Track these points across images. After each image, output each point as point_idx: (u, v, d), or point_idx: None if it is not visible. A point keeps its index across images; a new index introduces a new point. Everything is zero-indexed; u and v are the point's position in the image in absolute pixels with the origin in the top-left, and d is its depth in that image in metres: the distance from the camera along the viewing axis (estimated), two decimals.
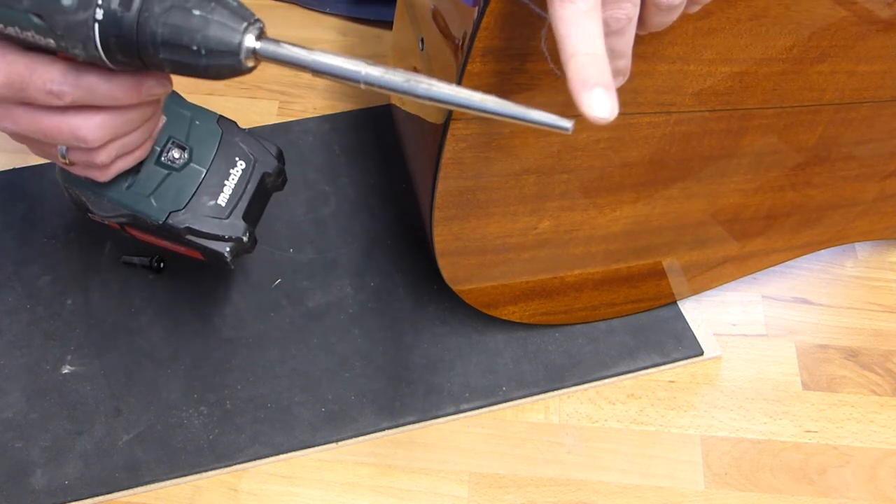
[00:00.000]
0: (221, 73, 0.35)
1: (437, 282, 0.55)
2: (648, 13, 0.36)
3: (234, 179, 0.48)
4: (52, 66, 0.36)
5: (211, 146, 0.47)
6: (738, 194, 0.54)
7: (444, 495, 0.54)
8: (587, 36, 0.33)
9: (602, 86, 0.33)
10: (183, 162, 0.46)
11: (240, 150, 0.48)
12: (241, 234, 0.48)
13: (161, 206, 0.46)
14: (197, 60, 0.34)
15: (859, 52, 0.46)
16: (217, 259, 0.48)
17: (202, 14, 0.34)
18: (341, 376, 0.58)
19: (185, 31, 0.33)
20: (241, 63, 0.34)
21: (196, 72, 0.35)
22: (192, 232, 0.47)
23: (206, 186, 0.47)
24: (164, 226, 0.46)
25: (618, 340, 0.60)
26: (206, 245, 0.47)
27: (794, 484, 0.55)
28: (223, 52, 0.34)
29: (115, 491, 0.53)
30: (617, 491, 0.55)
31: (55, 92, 0.36)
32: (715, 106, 0.47)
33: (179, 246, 0.49)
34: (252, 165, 0.48)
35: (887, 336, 0.62)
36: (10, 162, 0.68)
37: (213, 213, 0.47)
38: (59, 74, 0.36)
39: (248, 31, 0.34)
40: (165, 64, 0.35)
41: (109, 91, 0.37)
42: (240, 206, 0.48)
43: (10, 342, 0.58)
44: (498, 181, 0.47)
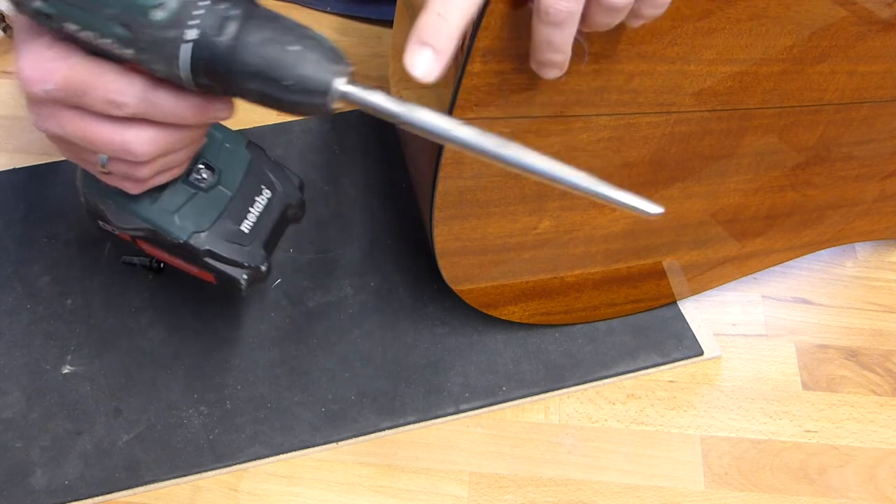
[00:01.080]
0: (305, 111, 0.34)
1: (437, 282, 0.55)
2: (591, 11, 0.36)
3: (259, 208, 0.47)
4: (120, 75, 0.35)
5: (239, 171, 0.47)
6: (738, 194, 0.54)
7: (444, 495, 0.54)
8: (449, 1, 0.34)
9: (434, 49, 0.34)
10: (211, 183, 0.45)
11: (266, 178, 0.48)
12: (260, 264, 0.47)
13: (184, 224, 0.45)
14: (286, 96, 0.34)
15: (859, 53, 0.46)
16: (231, 285, 0.47)
17: (298, 51, 0.33)
18: (341, 376, 0.58)
19: (280, 66, 0.33)
20: (328, 104, 0.34)
21: (280, 106, 0.34)
22: (211, 255, 0.46)
23: (231, 211, 0.46)
24: (185, 245, 0.45)
25: (618, 340, 0.60)
26: (223, 270, 0.46)
27: (794, 484, 0.55)
28: (313, 92, 0.33)
29: (115, 491, 0.53)
30: (617, 491, 0.55)
31: (118, 102, 0.35)
32: (715, 106, 0.47)
33: (193, 266, 0.48)
34: (277, 195, 0.48)
35: (887, 336, 0.62)
36: (10, 162, 0.68)
37: (236, 238, 0.46)
38: (125, 85, 0.35)
39: (340, 74, 0.33)
40: (249, 94, 0.34)
41: (175, 109, 0.36)
42: (261, 234, 0.47)
43: (10, 342, 0.58)
44: (498, 181, 0.47)
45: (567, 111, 0.44)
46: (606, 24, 0.37)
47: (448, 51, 0.34)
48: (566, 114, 0.44)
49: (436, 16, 0.34)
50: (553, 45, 0.36)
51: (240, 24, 0.33)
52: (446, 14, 0.34)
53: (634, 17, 0.38)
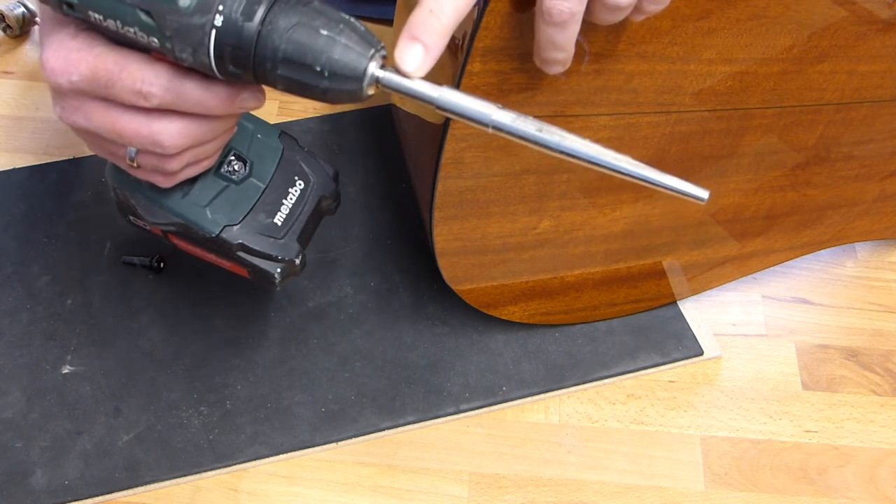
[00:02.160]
0: (339, 98, 0.33)
1: (437, 282, 0.55)
2: (595, 9, 0.36)
3: (293, 199, 0.46)
4: (146, 65, 0.35)
5: (271, 162, 0.46)
6: (738, 194, 0.54)
7: (444, 495, 0.54)
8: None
9: (424, 45, 0.33)
10: (242, 175, 0.45)
11: (300, 169, 0.47)
12: (294, 257, 0.46)
13: (216, 218, 0.44)
14: (318, 82, 0.33)
15: (859, 52, 0.46)
16: (265, 279, 0.46)
17: (330, 34, 0.32)
18: (341, 376, 0.58)
19: (310, 51, 0.32)
20: (363, 90, 0.33)
21: (312, 93, 0.33)
22: (244, 249, 0.45)
23: (264, 203, 0.45)
24: (217, 239, 0.44)
25: (618, 340, 0.60)
26: (257, 264, 0.45)
27: (794, 484, 0.55)
28: (347, 77, 0.32)
29: (115, 491, 0.53)
30: (617, 491, 0.55)
31: (145, 93, 0.35)
32: (715, 106, 0.47)
33: (226, 261, 0.47)
34: (311, 186, 0.47)
35: (887, 336, 0.62)
36: (10, 162, 0.68)
37: (269, 231, 0.45)
38: (152, 75, 0.34)
39: (374, 58, 0.33)
40: (280, 81, 0.33)
41: (203, 99, 0.35)
42: (295, 227, 0.46)
43: (10, 342, 0.58)
44: (498, 181, 0.47)
45: (567, 111, 0.44)
46: (609, 21, 0.37)
47: (438, 47, 0.34)
48: (566, 113, 0.44)
49: (428, 12, 0.34)
50: (556, 45, 0.36)
51: (267, 9, 0.32)
52: (438, 11, 0.34)
53: (637, 13, 0.38)
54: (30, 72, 0.73)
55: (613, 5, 0.36)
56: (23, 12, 0.74)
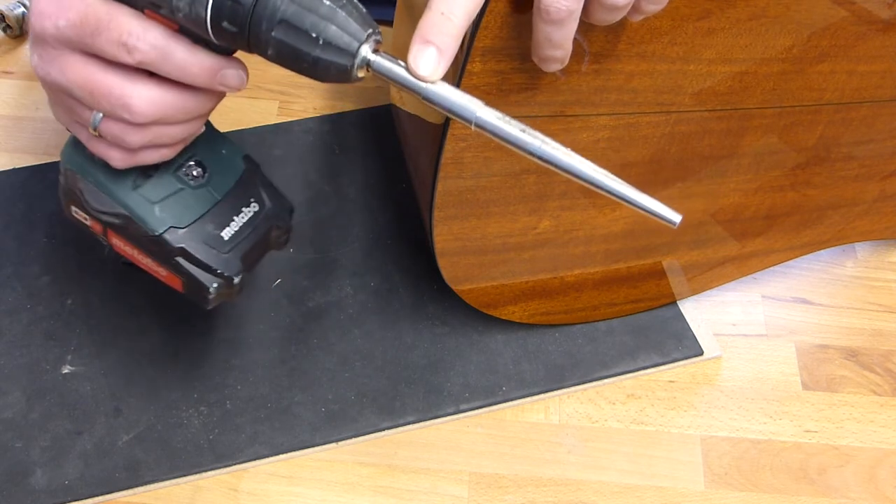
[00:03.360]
0: (328, 72, 0.33)
1: (437, 282, 0.55)
2: (592, 9, 0.36)
3: (244, 218, 0.45)
4: (136, 19, 0.34)
5: (230, 178, 0.45)
6: (737, 194, 0.54)
7: (444, 495, 0.54)
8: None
9: (437, 48, 0.33)
10: (199, 183, 0.44)
11: (257, 192, 0.46)
12: (234, 275, 0.44)
13: (163, 217, 0.43)
14: (310, 49, 0.32)
15: (859, 52, 0.46)
16: (199, 292, 0.44)
17: (332, 5, 0.32)
18: (341, 376, 0.58)
19: (310, 16, 0.32)
20: (353, 68, 0.33)
21: (302, 61, 0.33)
22: (184, 254, 0.43)
23: (214, 215, 0.44)
24: (158, 239, 0.43)
25: (618, 340, 0.60)
26: (194, 273, 0.44)
27: (794, 484, 0.55)
28: (340, 51, 0.32)
29: (115, 491, 0.53)
30: (617, 491, 0.55)
31: (130, 46, 0.34)
32: (715, 106, 0.47)
33: (162, 268, 0.45)
34: (265, 211, 0.46)
35: (887, 336, 0.62)
36: (10, 162, 0.68)
37: (214, 242, 0.44)
38: (140, 29, 0.34)
39: (369, 41, 0.33)
40: (273, 44, 0.33)
41: (186, 63, 0.35)
42: (241, 246, 0.45)
43: (10, 342, 0.58)
44: (498, 181, 0.47)
45: (567, 111, 0.44)
46: (607, 21, 0.37)
47: (452, 50, 0.34)
48: (566, 113, 0.44)
49: (439, 15, 0.34)
50: (553, 43, 0.36)
51: None
52: (450, 13, 0.34)
53: (635, 13, 0.38)
54: (30, 72, 0.73)
55: (611, 5, 0.36)
56: (23, 12, 0.74)
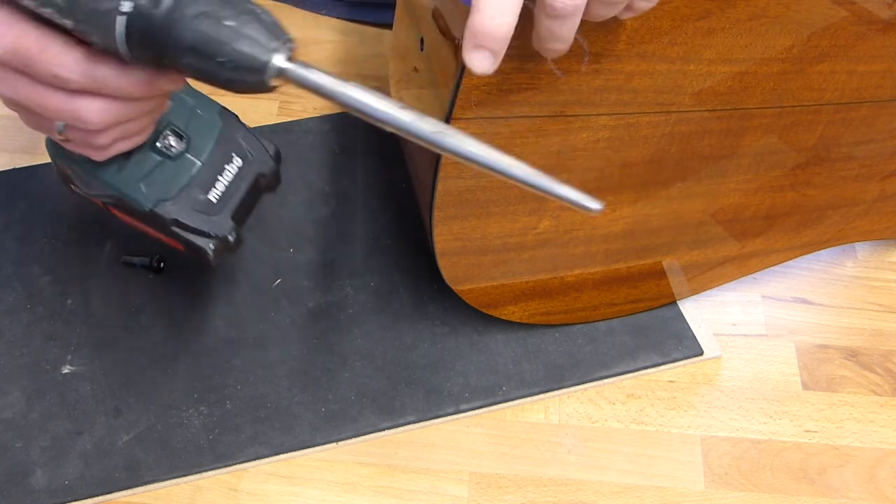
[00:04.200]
0: (243, 89, 0.33)
1: (437, 282, 0.55)
2: (591, 5, 0.36)
3: (229, 176, 0.46)
4: (65, 48, 0.34)
5: (209, 138, 0.46)
6: (737, 194, 0.54)
7: (444, 495, 0.54)
8: None
9: (492, 51, 0.35)
10: (178, 151, 0.45)
11: (238, 146, 0.47)
12: (228, 234, 0.46)
13: (150, 193, 0.44)
14: (220, 72, 0.33)
15: (859, 52, 0.46)
16: (199, 254, 0.46)
17: (234, 26, 0.32)
18: (341, 376, 0.58)
19: (214, 41, 0.32)
20: (266, 82, 0.33)
21: (217, 83, 0.33)
22: (178, 224, 0.45)
23: (199, 180, 0.45)
24: (150, 214, 0.44)
25: (618, 340, 0.60)
26: (190, 239, 0.46)
27: (794, 484, 0.55)
28: (249, 69, 0.32)
29: (115, 491, 0.53)
30: (617, 491, 0.55)
31: (62, 78, 0.35)
32: (715, 106, 0.47)
33: (162, 234, 0.47)
34: (248, 164, 0.47)
35: (887, 336, 0.62)
36: (10, 162, 0.68)
37: (203, 208, 0.45)
38: (70, 60, 0.34)
39: (279, 51, 0.33)
40: (186, 69, 0.33)
41: (120, 84, 0.35)
42: (230, 204, 0.46)
43: (10, 342, 0.58)
44: (498, 181, 0.47)
45: (567, 111, 0.44)
46: (604, 16, 0.37)
47: (504, 49, 0.35)
48: (566, 113, 0.44)
49: (490, 19, 0.34)
50: (556, 36, 0.37)
51: None
52: (500, 17, 0.34)
53: (627, 10, 0.38)
54: None
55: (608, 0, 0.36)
56: None
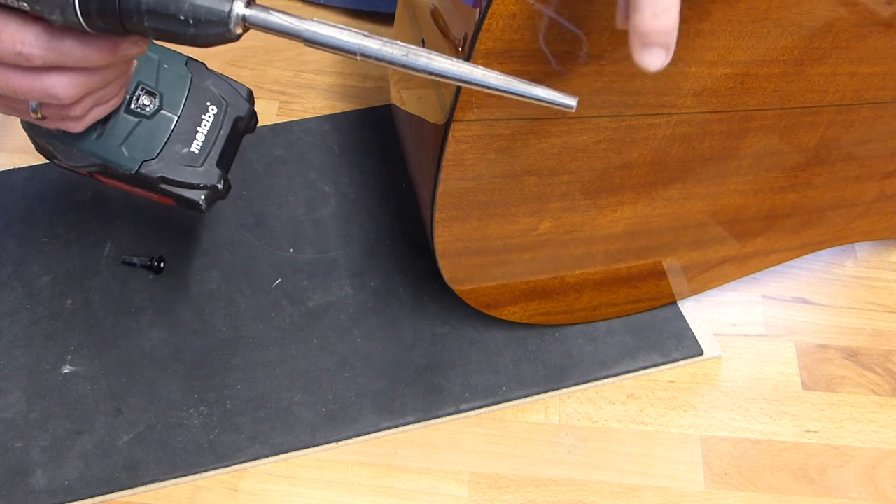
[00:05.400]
0: (209, 42, 0.33)
1: (437, 282, 0.55)
2: None
3: (207, 125, 0.46)
4: (25, 26, 0.34)
5: (181, 91, 0.46)
6: (738, 195, 0.54)
7: (444, 495, 0.54)
8: None
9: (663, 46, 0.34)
10: (153, 109, 0.45)
11: (211, 93, 0.47)
12: (216, 182, 0.47)
13: (133, 155, 0.45)
14: (184, 30, 0.33)
15: (860, 54, 0.46)
16: (191, 206, 0.47)
17: None
18: (341, 376, 0.58)
19: (172, 1, 0.32)
20: (230, 31, 0.33)
21: (182, 40, 0.34)
22: (165, 181, 0.45)
23: (179, 133, 0.46)
24: (137, 175, 0.45)
25: (618, 340, 0.60)
26: (181, 193, 0.46)
27: (794, 484, 0.56)
28: (212, 22, 0.32)
29: (115, 491, 0.53)
30: (617, 491, 0.55)
31: (25, 54, 0.34)
32: (716, 107, 0.47)
33: (151, 193, 0.47)
34: (224, 110, 0.47)
35: (887, 336, 0.62)
36: (10, 162, 0.67)
37: (187, 161, 0.46)
38: (31, 36, 0.34)
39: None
40: (149, 31, 0.33)
41: (84, 55, 0.35)
42: (213, 152, 0.47)
43: (10, 342, 0.58)
44: (498, 182, 0.47)
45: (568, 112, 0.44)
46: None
47: (674, 44, 0.34)
48: (567, 115, 0.44)
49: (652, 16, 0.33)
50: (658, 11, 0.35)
51: None
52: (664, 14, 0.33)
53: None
54: None
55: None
56: None
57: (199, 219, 0.64)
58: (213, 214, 0.61)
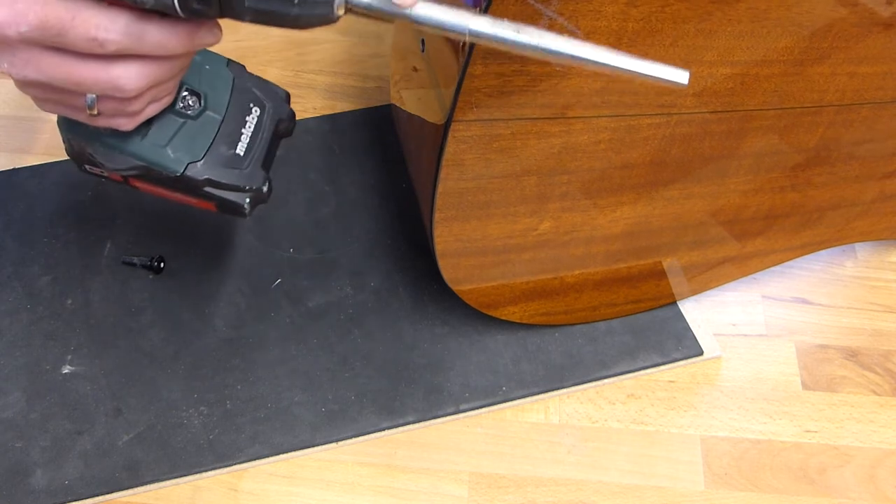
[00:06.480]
0: (309, 23, 0.33)
1: (437, 282, 0.55)
2: None
3: (251, 127, 0.46)
4: (100, 10, 0.33)
5: (224, 92, 0.45)
6: (738, 195, 0.54)
7: (444, 495, 0.54)
8: None
9: None
10: (198, 110, 0.44)
11: (253, 95, 0.46)
12: (262, 184, 0.46)
13: (178, 156, 0.43)
14: (289, 9, 0.32)
15: (860, 54, 0.46)
16: (234, 210, 0.46)
17: None
18: (341, 376, 0.58)
19: None
20: (333, 12, 0.32)
21: (284, 21, 0.33)
22: (211, 184, 0.44)
23: (223, 135, 0.45)
24: (182, 178, 0.44)
25: (618, 340, 0.60)
26: (225, 196, 0.45)
27: (794, 484, 0.56)
28: (317, 2, 0.32)
29: (115, 491, 0.53)
30: (617, 491, 0.55)
31: (101, 40, 0.33)
32: (716, 107, 0.47)
33: (192, 198, 0.46)
34: (266, 112, 0.47)
35: (887, 336, 0.62)
36: (10, 162, 0.67)
37: (233, 163, 0.45)
38: (106, 20, 0.33)
39: None
40: (248, 12, 0.33)
41: (161, 40, 0.34)
42: (258, 154, 0.46)
43: (10, 342, 0.58)
44: (498, 182, 0.47)
45: (568, 112, 0.44)
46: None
47: None
48: (567, 115, 0.44)
49: None
50: None
51: None
52: None
53: None
54: None
55: None
56: None
57: (200, 219, 0.64)
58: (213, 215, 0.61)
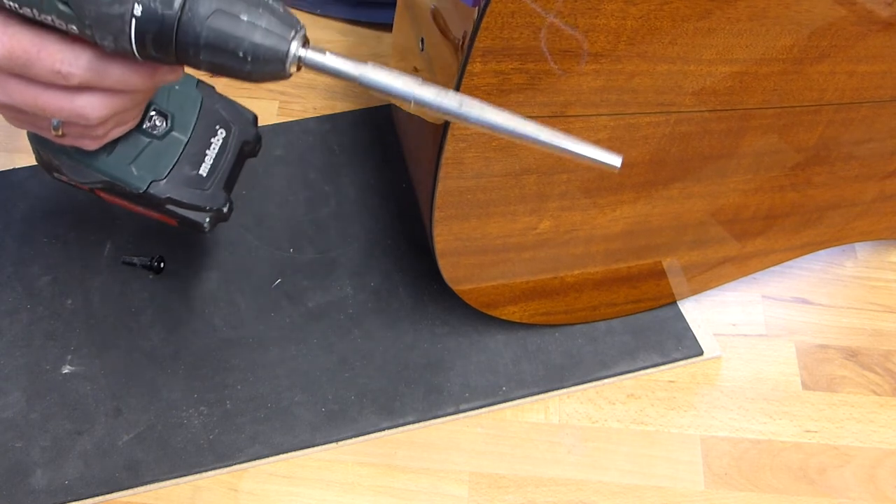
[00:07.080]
0: (262, 79, 0.34)
1: (437, 282, 0.55)
2: None
3: (215, 149, 0.47)
4: (65, 45, 0.34)
5: (191, 113, 0.46)
6: (737, 194, 0.54)
7: (444, 495, 0.54)
8: None
9: None
10: (164, 130, 0.45)
11: (220, 117, 0.47)
12: (222, 205, 0.47)
13: (142, 174, 0.45)
14: (241, 66, 0.33)
15: (859, 53, 0.46)
16: (193, 227, 0.47)
17: (249, 20, 0.32)
18: (341, 376, 0.58)
19: (231, 37, 0.32)
20: (286, 70, 0.33)
21: (235, 75, 0.34)
22: (172, 202, 0.46)
23: (188, 155, 0.46)
24: (144, 195, 0.45)
25: (618, 340, 0.60)
26: (185, 215, 0.46)
27: (794, 484, 0.55)
28: (269, 60, 0.33)
29: (116, 491, 0.53)
30: (617, 491, 0.55)
31: (64, 73, 0.34)
32: (715, 106, 0.47)
33: (154, 213, 0.47)
34: (232, 134, 0.48)
35: (887, 336, 0.62)
36: (10, 162, 0.67)
37: (195, 183, 0.46)
38: (71, 55, 0.34)
39: (295, 39, 0.33)
40: (204, 65, 0.34)
41: (122, 77, 0.36)
42: (220, 176, 0.47)
43: (10, 342, 0.58)
44: (498, 181, 0.47)
45: (567, 111, 0.44)
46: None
47: None
48: (566, 114, 0.44)
49: None
50: None
51: None
52: None
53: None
54: None
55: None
56: None
57: None
58: None
